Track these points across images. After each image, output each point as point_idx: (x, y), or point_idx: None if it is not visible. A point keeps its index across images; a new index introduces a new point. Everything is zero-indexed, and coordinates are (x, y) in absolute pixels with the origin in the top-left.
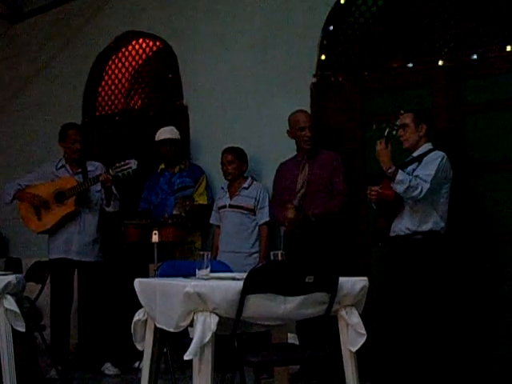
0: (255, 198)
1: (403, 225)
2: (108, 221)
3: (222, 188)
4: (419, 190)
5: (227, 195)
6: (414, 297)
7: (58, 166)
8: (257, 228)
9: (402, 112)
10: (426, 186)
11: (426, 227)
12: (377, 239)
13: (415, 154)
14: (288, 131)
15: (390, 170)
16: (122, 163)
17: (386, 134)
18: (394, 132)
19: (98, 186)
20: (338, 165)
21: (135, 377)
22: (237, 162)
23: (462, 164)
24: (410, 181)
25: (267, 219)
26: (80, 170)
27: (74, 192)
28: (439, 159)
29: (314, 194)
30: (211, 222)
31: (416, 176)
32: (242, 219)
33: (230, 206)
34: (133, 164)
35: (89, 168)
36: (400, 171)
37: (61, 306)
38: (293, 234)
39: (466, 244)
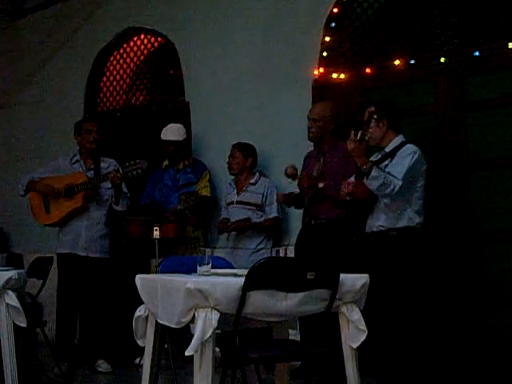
0: (262, 194)
1: (377, 222)
2: (115, 216)
3: (230, 184)
4: (392, 187)
5: (234, 191)
6: (389, 293)
7: (73, 160)
8: None
9: (376, 117)
10: (399, 183)
11: (400, 224)
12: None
13: (387, 150)
14: None
15: (365, 166)
16: (132, 163)
17: (359, 137)
18: (367, 137)
19: (110, 184)
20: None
21: (134, 373)
22: (239, 157)
23: (463, 161)
24: (384, 177)
25: (276, 214)
26: (93, 166)
27: (83, 188)
28: (411, 155)
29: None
30: (223, 217)
31: (388, 173)
32: (249, 215)
33: (238, 202)
34: (142, 164)
35: (102, 164)
36: (375, 167)
37: (67, 301)
38: (306, 232)
39: (461, 241)
